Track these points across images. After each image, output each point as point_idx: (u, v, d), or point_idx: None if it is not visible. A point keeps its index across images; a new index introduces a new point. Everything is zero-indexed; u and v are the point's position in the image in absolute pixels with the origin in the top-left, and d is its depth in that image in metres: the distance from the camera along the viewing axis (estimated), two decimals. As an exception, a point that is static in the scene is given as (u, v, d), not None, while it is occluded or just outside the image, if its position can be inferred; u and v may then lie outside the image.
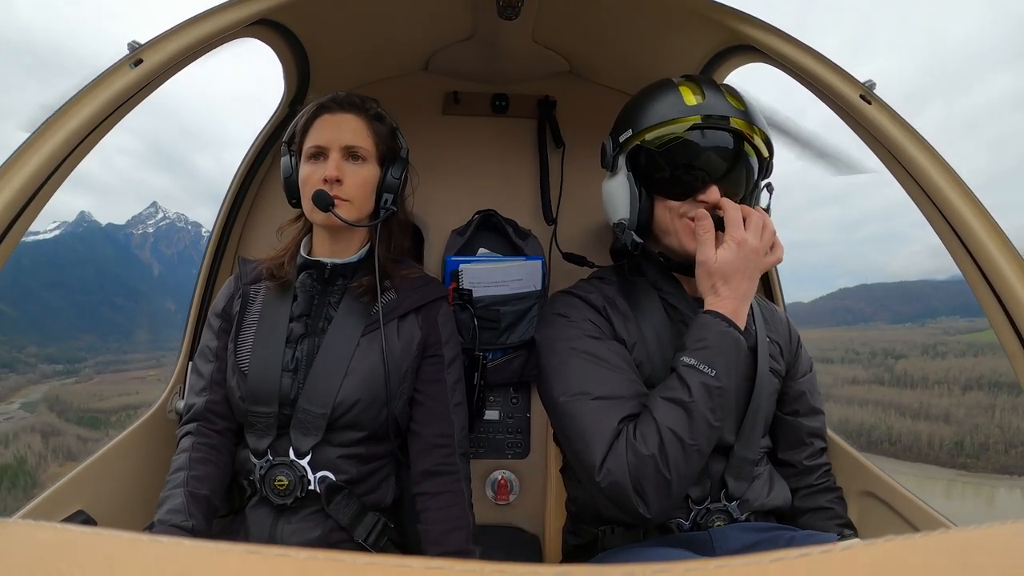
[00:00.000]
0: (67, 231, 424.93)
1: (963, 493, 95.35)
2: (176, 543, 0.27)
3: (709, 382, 0.97)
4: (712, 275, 1.03)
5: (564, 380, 1.10)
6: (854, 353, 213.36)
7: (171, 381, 1.57)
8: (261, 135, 1.66)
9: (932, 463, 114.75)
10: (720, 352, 0.99)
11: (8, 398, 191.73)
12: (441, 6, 1.47)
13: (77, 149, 0.94)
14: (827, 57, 1.11)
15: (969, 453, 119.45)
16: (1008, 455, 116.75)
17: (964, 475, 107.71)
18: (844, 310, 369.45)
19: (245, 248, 1.76)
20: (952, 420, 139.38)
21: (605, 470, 0.99)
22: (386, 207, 1.25)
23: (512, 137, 1.84)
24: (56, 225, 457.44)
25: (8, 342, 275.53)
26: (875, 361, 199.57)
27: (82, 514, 1.25)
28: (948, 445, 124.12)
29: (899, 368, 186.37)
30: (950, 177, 1.02)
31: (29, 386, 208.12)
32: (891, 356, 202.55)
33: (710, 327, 1.01)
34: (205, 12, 1.04)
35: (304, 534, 1.16)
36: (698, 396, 0.97)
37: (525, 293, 1.62)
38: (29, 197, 0.89)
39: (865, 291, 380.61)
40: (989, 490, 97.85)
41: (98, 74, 0.95)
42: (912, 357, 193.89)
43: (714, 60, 1.42)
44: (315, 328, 1.23)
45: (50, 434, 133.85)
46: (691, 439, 0.96)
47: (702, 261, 1.04)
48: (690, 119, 1.08)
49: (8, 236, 0.88)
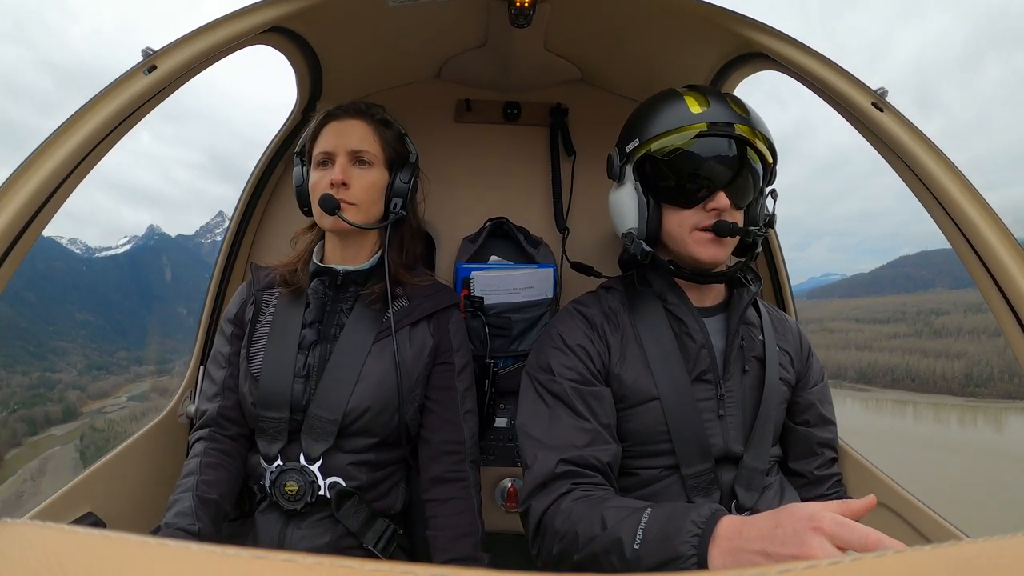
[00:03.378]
0: (138, 244, 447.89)
1: (974, 418, 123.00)
2: (183, 547, 0.27)
3: (626, 546, 0.86)
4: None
5: (524, 409, 1.13)
6: (901, 314, 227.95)
7: (181, 386, 1.57)
8: (273, 142, 1.67)
9: (945, 393, 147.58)
10: (660, 539, 0.83)
11: (114, 394, 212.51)
12: (453, 15, 1.47)
13: (92, 154, 0.94)
14: (839, 65, 1.11)
15: (976, 383, 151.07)
16: (1011, 383, 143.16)
17: (973, 400, 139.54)
18: (904, 277, 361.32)
19: (257, 254, 1.77)
20: (963, 357, 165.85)
21: (528, 504, 1.03)
22: (395, 211, 1.25)
23: (524, 145, 1.83)
24: (126, 240, 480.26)
25: (99, 348, 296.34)
26: (920, 319, 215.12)
27: (92, 516, 1.25)
28: (959, 377, 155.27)
29: (938, 323, 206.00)
30: (962, 185, 1.01)
31: (127, 384, 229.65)
32: (935, 314, 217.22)
33: (684, 529, 0.81)
34: (219, 19, 1.05)
35: (313, 540, 1.16)
36: (612, 542, 0.87)
37: (537, 301, 1.62)
38: (44, 200, 0.89)
39: (925, 258, 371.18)
40: (995, 412, 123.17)
41: (112, 80, 0.96)
42: (954, 314, 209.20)
43: (726, 68, 1.42)
44: (327, 335, 1.23)
45: (157, 409, 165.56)
46: (583, 551, 0.91)
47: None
48: (696, 127, 1.08)
49: (23, 238, 0.88)
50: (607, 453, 1.04)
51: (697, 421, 1.09)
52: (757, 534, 0.74)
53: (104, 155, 0.99)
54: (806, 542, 0.68)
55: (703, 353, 1.12)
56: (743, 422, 1.13)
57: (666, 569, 0.80)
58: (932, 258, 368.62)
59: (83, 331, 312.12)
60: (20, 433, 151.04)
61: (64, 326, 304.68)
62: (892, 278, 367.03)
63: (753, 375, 1.16)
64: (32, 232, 0.90)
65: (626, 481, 1.12)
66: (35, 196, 0.87)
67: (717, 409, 1.11)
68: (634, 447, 1.11)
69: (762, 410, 1.13)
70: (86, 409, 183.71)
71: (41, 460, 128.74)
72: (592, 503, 0.95)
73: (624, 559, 0.85)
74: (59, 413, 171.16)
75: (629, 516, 0.88)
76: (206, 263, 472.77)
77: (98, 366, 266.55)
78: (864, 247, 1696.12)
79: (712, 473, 1.08)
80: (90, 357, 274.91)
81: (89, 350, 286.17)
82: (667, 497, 1.08)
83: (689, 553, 0.79)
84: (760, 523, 0.75)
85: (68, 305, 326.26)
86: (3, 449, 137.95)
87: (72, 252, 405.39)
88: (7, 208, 0.85)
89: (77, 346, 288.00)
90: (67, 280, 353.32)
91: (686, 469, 1.08)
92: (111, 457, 1.34)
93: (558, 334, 1.16)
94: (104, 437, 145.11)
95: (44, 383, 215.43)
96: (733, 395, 1.13)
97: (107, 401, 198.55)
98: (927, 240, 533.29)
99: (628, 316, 1.18)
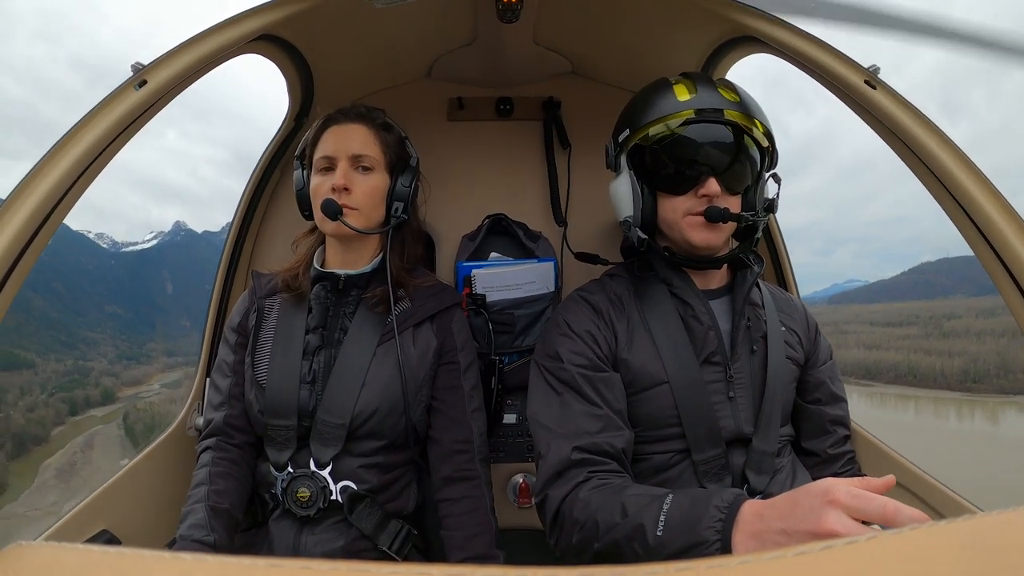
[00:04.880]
0: (164, 240, 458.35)
1: (972, 411, 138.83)
2: (200, 559, 0.27)
3: (648, 532, 0.86)
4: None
5: (534, 398, 1.13)
6: (915, 317, 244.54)
7: (189, 398, 1.57)
8: (269, 149, 1.67)
9: (944, 388, 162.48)
10: (683, 525, 0.83)
11: (147, 381, 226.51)
12: (442, 14, 1.47)
13: (87, 172, 0.94)
14: (830, 44, 1.10)
15: (973, 379, 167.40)
16: (1006, 379, 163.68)
17: (969, 395, 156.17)
18: (925, 284, 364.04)
19: (258, 261, 1.77)
20: (963, 355, 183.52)
21: (544, 494, 1.03)
22: (396, 215, 1.25)
23: (518, 140, 1.83)
24: (153, 235, 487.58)
25: (130, 340, 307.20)
26: (931, 322, 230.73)
27: (106, 533, 1.25)
28: (957, 374, 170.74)
29: (948, 326, 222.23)
30: (958, 158, 1.01)
31: (158, 374, 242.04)
32: (947, 318, 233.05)
33: (708, 515, 0.81)
34: (207, 30, 1.04)
35: (328, 544, 1.16)
36: (634, 529, 0.87)
37: (539, 295, 1.61)
38: (41, 220, 0.89)
39: (947, 264, 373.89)
40: (992, 406, 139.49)
41: (103, 97, 0.95)
42: (965, 318, 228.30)
43: (716, 53, 1.41)
44: (331, 339, 1.24)
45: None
46: (603, 540, 0.91)
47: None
48: (683, 114, 1.08)
49: (22, 260, 0.88)
50: (620, 439, 1.04)
51: (707, 403, 1.09)
52: (777, 515, 0.74)
53: (100, 171, 0.98)
54: (822, 517, 0.68)
55: (711, 335, 1.12)
56: (753, 403, 1.13)
57: (689, 554, 0.80)
58: (954, 265, 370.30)
59: (112, 323, 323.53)
60: (62, 413, 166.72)
61: (94, 318, 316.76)
62: (912, 284, 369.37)
63: (761, 355, 1.16)
64: (30, 255, 0.89)
65: (637, 467, 1.12)
66: (33, 217, 0.87)
67: (727, 391, 1.11)
68: (644, 432, 1.11)
69: (767, 391, 1.13)
70: (121, 394, 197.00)
71: (87, 436, 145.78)
72: (611, 491, 0.95)
73: (647, 545, 0.85)
74: (98, 396, 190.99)
75: (650, 503, 0.88)
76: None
77: (128, 356, 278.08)
78: (888, 252, 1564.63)
79: (723, 458, 1.08)
80: (120, 348, 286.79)
81: (119, 341, 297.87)
82: (679, 484, 1.08)
83: (713, 538, 0.79)
84: (780, 504, 0.75)
85: (97, 297, 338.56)
86: (48, 427, 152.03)
87: (99, 246, 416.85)
88: (8, 226, 0.85)
89: (107, 336, 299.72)
90: (96, 273, 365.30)
91: (697, 455, 1.08)
92: (123, 474, 1.35)
93: (564, 321, 1.16)
94: (149, 415, 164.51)
95: (78, 370, 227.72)
96: (742, 376, 1.13)
97: (141, 388, 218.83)
98: (948, 246, 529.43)
99: (634, 302, 1.18)
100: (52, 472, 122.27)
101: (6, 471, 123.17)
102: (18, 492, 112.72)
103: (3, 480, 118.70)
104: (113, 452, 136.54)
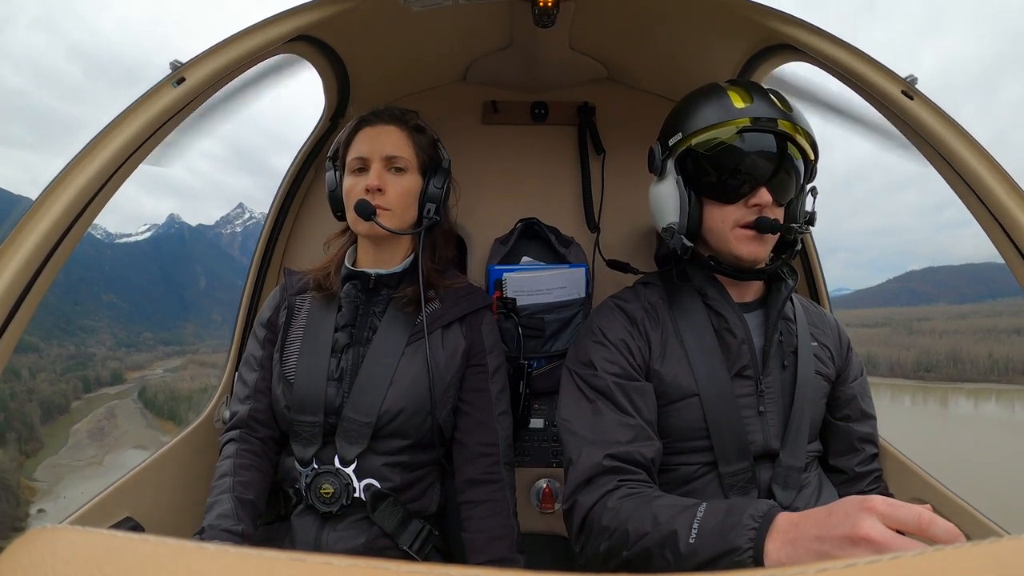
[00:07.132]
0: (158, 233, 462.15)
1: (924, 397, 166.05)
2: (222, 550, 0.27)
3: (680, 539, 0.85)
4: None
5: (566, 404, 1.12)
6: (889, 319, 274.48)
7: (218, 390, 1.59)
8: (304, 148, 1.69)
9: (900, 377, 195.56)
10: (716, 533, 0.82)
11: (150, 367, 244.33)
12: (478, 17, 1.47)
13: (123, 167, 0.95)
14: (867, 54, 1.08)
15: (925, 368, 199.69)
16: (955, 368, 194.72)
17: (922, 383, 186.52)
18: (909, 292, 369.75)
19: (290, 259, 1.78)
20: (919, 349, 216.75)
21: (573, 500, 1.01)
22: (429, 216, 1.25)
23: (552, 145, 1.82)
24: (147, 228, 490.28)
25: (126, 329, 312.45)
26: (903, 324, 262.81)
27: (130, 520, 1.27)
28: (911, 364, 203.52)
29: (917, 326, 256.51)
30: (995, 171, 0.99)
31: (158, 360, 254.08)
32: (919, 320, 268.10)
33: (743, 523, 0.80)
34: (245, 30, 1.05)
35: (349, 541, 1.17)
36: (666, 536, 0.86)
37: (569, 301, 1.61)
38: (77, 214, 0.90)
39: (931, 274, 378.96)
40: (941, 392, 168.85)
41: (142, 94, 0.97)
42: (936, 320, 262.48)
43: (753, 60, 1.39)
44: (360, 338, 1.24)
45: (198, 376, 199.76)
46: (633, 548, 0.90)
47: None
48: (739, 122, 1.06)
49: (56, 253, 0.89)
50: (651, 449, 1.04)
51: (736, 417, 1.07)
52: (812, 523, 0.74)
53: (136, 167, 0.99)
54: (858, 522, 0.68)
55: (744, 348, 1.11)
56: (781, 418, 1.12)
57: (721, 562, 0.80)
58: (938, 274, 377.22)
59: (109, 312, 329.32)
60: (78, 389, 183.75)
61: (91, 306, 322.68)
62: (897, 292, 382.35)
63: (791, 370, 1.14)
64: (64, 248, 0.90)
65: (663, 477, 1.11)
66: (68, 210, 0.88)
67: (757, 405, 1.10)
68: (673, 443, 1.10)
69: (795, 406, 1.12)
70: (129, 376, 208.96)
71: (108, 408, 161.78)
72: (642, 500, 0.94)
73: (678, 553, 0.84)
74: (107, 376, 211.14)
75: (684, 511, 0.87)
76: (226, 252, 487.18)
77: (126, 344, 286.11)
78: (879, 263, 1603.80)
79: (750, 472, 1.07)
80: (117, 335, 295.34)
81: (116, 329, 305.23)
82: (705, 495, 1.07)
83: (746, 546, 0.78)
84: (815, 514, 0.75)
85: (94, 287, 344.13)
86: (69, 399, 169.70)
87: (93, 236, 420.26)
88: (44, 220, 0.86)
89: (104, 325, 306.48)
90: (91, 263, 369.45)
91: (724, 467, 1.07)
92: (149, 463, 1.36)
93: (599, 328, 1.15)
94: (167, 390, 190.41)
95: (81, 355, 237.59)
96: (772, 390, 1.12)
97: (145, 372, 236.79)
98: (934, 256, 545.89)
99: (668, 311, 1.16)
100: (84, 434, 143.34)
101: (40, 434, 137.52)
102: (55, 449, 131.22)
103: (41, 440, 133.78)
104: (137, 420, 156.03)
